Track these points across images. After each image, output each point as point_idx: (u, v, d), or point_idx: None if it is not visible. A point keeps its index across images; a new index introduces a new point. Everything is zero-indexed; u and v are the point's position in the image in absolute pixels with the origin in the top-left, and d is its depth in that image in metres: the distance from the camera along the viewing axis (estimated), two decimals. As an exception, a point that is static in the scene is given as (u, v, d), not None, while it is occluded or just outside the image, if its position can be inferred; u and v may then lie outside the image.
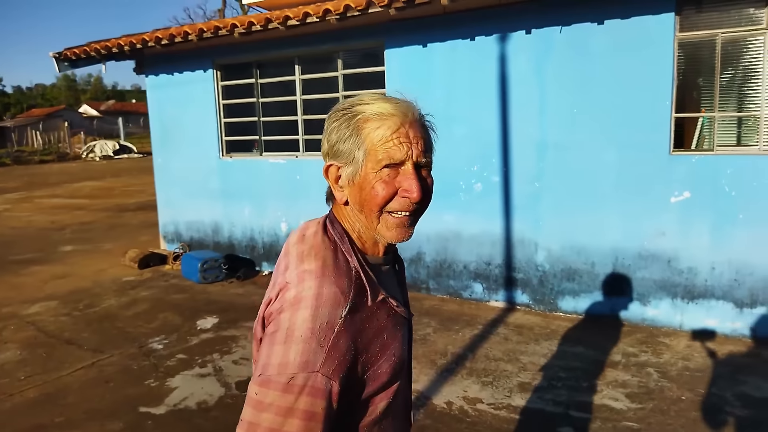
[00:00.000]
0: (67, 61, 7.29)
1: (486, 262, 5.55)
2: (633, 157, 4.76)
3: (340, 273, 1.08)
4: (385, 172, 1.09)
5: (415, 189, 1.08)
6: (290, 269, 1.11)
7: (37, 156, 34.37)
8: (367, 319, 1.10)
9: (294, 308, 1.03)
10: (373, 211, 1.11)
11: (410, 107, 1.13)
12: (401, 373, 1.21)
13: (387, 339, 1.13)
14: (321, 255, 1.10)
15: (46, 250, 8.78)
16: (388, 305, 1.15)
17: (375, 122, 1.09)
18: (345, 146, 1.11)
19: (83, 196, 15.84)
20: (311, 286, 1.04)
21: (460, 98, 5.43)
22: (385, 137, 1.08)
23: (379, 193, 1.09)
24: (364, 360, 1.08)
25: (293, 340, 1.00)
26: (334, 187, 1.17)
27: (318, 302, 1.02)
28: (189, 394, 3.96)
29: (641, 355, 4.34)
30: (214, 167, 7.23)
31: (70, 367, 4.47)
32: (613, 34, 4.70)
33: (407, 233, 1.14)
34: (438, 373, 4.14)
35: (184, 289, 6.48)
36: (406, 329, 1.24)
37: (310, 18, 5.20)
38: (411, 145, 1.09)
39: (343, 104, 1.15)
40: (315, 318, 1.01)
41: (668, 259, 4.74)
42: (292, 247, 1.17)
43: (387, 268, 1.23)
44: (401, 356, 1.18)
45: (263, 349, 1.05)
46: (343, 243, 1.14)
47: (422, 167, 1.13)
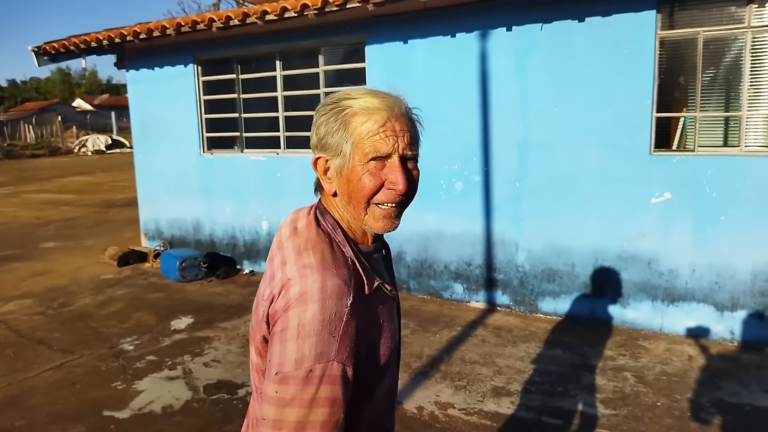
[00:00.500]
0: (46, 55, 7.18)
1: (467, 262, 5.47)
2: (614, 156, 4.69)
3: (339, 264, 1.12)
4: (372, 164, 1.13)
5: (400, 181, 1.13)
6: (289, 264, 1.13)
7: (29, 150, 34.12)
8: (366, 306, 1.15)
9: (301, 304, 1.06)
10: (360, 203, 1.16)
11: (397, 102, 1.17)
12: (395, 353, 1.29)
13: (383, 322, 1.20)
14: (319, 248, 1.14)
15: (27, 247, 8.67)
16: (382, 291, 1.20)
17: (362, 116, 1.13)
18: (333, 139, 1.16)
19: (71, 192, 15.69)
20: (315, 280, 1.07)
21: (442, 96, 5.34)
22: (371, 131, 1.12)
23: (366, 185, 1.13)
24: (367, 344, 1.14)
25: (306, 334, 1.04)
26: (323, 178, 1.22)
27: (324, 295, 1.06)
28: (155, 398, 3.87)
29: (619, 358, 4.27)
30: (195, 164, 7.12)
31: (37, 368, 4.37)
32: (594, 32, 4.62)
33: (394, 224, 1.19)
34: (412, 376, 4.06)
35: (161, 287, 6.38)
36: (396, 311, 1.31)
37: (288, 13, 5.10)
38: (397, 138, 1.13)
39: (331, 98, 1.19)
40: (323, 310, 1.05)
41: (648, 261, 4.67)
42: (287, 240, 1.20)
43: (377, 255, 1.28)
44: (395, 337, 1.27)
45: (274, 348, 1.08)
46: (336, 234, 1.19)
47: (408, 160, 1.17)
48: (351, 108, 1.16)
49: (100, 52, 7.26)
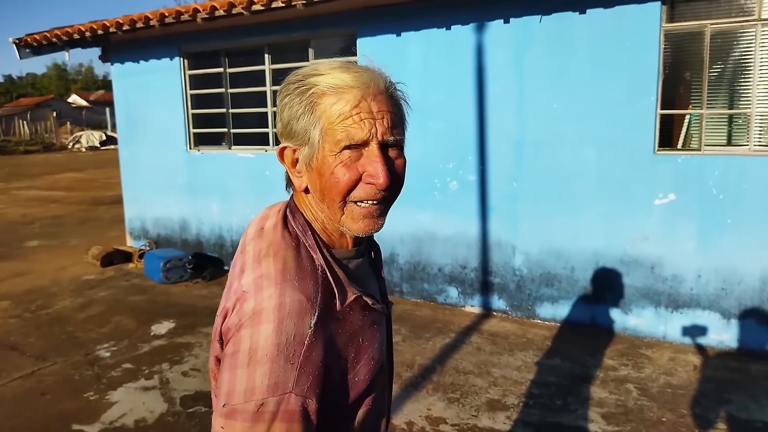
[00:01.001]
0: (28, 48, 6.92)
1: (461, 265, 5.24)
2: (615, 156, 4.46)
3: (303, 275, 0.94)
4: (346, 154, 0.95)
5: (380, 173, 0.94)
6: (246, 273, 0.97)
7: (23, 146, 33.79)
8: (340, 324, 0.97)
9: (254, 323, 0.89)
10: (335, 201, 0.97)
11: (373, 76, 0.98)
12: (380, 377, 1.09)
13: (363, 342, 1.02)
14: (281, 255, 0.96)
15: (10, 245, 8.42)
16: (362, 303, 1.02)
17: (331, 96, 0.95)
18: (299, 125, 0.97)
19: (61, 188, 15.41)
20: (271, 294, 0.91)
21: (435, 91, 5.11)
22: (343, 113, 0.93)
23: (339, 180, 0.95)
24: (340, 369, 0.97)
25: (258, 360, 0.87)
26: (291, 172, 1.04)
27: (281, 314, 0.89)
28: (128, 410, 3.64)
29: (621, 369, 4.05)
30: (181, 161, 6.88)
31: (7, 377, 4.14)
32: (595, 25, 4.39)
33: (376, 224, 1.01)
34: (402, 388, 3.83)
35: (144, 289, 6.14)
36: (384, 326, 1.13)
37: (276, 2, 4.85)
38: (375, 121, 0.95)
39: (295, 75, 1.00)
40: (280, 332, 0.88)
41: (651, 266, 4.45)
42: (249, 243, 1.03)
43: (360, 260, 1.09)
44: (379, 358, 1.07)
45: (224, 374, 0.91)
46: (306, 237, 1.00)
47: (390, 147, 0.99)
48: (318, 86, 0.96)
49: (84, 44, 7.01)
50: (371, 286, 1.14)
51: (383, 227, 1.04)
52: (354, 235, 1.04)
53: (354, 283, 1.03)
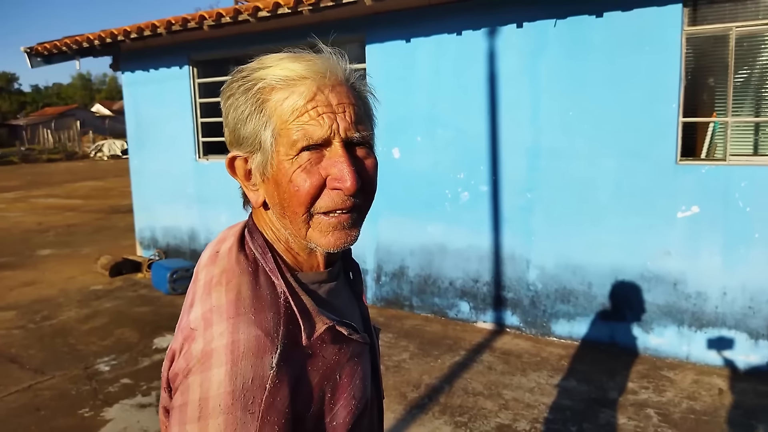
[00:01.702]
0: (39, 57, 6.91)
1: (473, 279, 5.04)
2: (635, 166, 4.24)
3: (261, 306, 0.80)
4: (305, 156, 0.81)
5: (347, 176, 0.80)
6: (195, 306, 0.83)
7: (46, 154, 34.37)
8: (310, 360, 0.82)
9: (204, 367, 0.76)
10: (297, 214, 0.83)
11: (330, 65, 0.84)
12: (365, 418, 0.94)
13: (341, 379, 0.87)
14: (234, 283, 0.82)
15: (22, 254, 8.42)
16: (337, 335, 0.87)
17: (282, 91, 0.82)
18: (247, 129, 0.84)
19: (79, 197, 15.54)
20: (222, 331, 0.77)
21: (446, 99, 4.94)
22: (297, 109, 0.80)
23: (300, 188, 0.81)
24: (314, 413, 0.82)
25: (209, 413, 0.74)
26: (245, 186, 0.89)
27: (235, 354, 0.75)
28: (122, 429, 3.51)
29: (641, 392, 3.81)
30: (190, 170, 6.79)
31: (3, 390, 4.04)
32: (613, 29, 4.18)
33: (349, 237, 0.86)
34: (407, 409, 3.64)
35: (151, 300, 6.04)
36: (367, 357, 0.97)
37: (282, 9, 4.74)
38: (335, 115, 0.81)
39: (238, 71, 0.87)
40: (234, 377, 0.74)
41: (674, 282, 4.21)
42: (202, 270, 0.89)
43: (334, 284, 0.94)
44: (363, 396, 0.91)
45: (173, 430, 0.78)
46: (266, 260, 0.86)
47: (357, 145, 0.85)
48: (265, 81, 0.83)
49: (94, 53, 6.99)
50: (350, 313, 0.98)
51: (358, 239, 0.88)
52: (325, 252, 0.89)
53: (327, 310, 0.88)
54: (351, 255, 1.06)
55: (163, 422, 0.93)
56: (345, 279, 1.03)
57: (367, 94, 0.91)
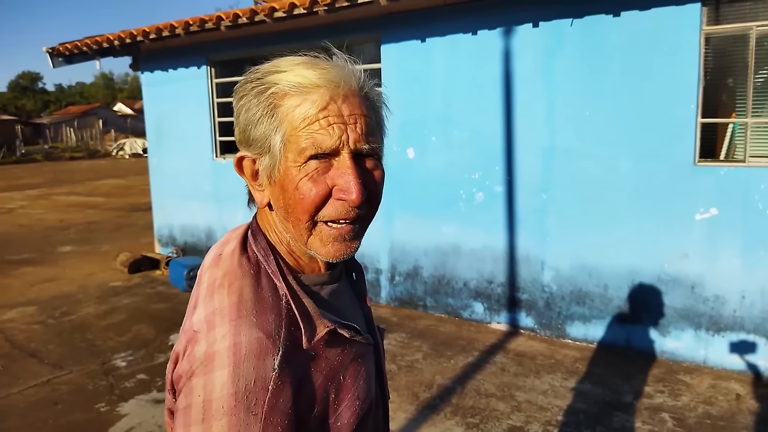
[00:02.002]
0: (60, 57, 7.02)
1: (488, 279, 5.02)
2: (652, 167, 4.18)
3: (263, 309, 0.81)
4: (313, 165, 0.81)
5: (353, 188, 0.80)
6: (198, 309, 0.84)
7: (69, 153, 34.94)
8: (313, 361, 0.83)
9: (207, 369, 0.77)
10: (300, 221, 0.84)
11: (344, 74, 0.84)
12: (370, 419, 0.95)
13: (345, 380, 0.88)
14: (237, 285, 0.83)
15: (43, 251, 8.57)
16: (339, 337, 0.87)
17: (295, 98, 0.82)
18: (258, 131, 0.84)
19: (100, 194, 15.77)
20: (225, 333, 0.78)
21: (461, 99, 4.92)
22: (308, 117, 0.81)
23: (305, 196, 0.81)
24: (317, 415, 0.83)
25: (213, 415, 0.74)
26: (252, 185, 0.90)
27: (237, 356, 0.76)
28: (137, 424, 3.55)
29: (656, 396, 3.76)
30: (207, 169, 6.86)
31: (23, 384, 4.12)
32: (630, 28, 4.13)
33: (349, 248, 0.86)
34: (418, 410, 3.64)
35: (168, 297, 6.11)
36: (371, 358, 0.98)
37: (298, 9, 4.76)
38: (346, 126, 0.81)
39: (253, 72, 0.87)
40: (236, 379, 0.75)
41: (691, 285, 4.15)
42: (205, 273, 0.89)
43: (336, 285, 0.95)
44: (367, 397, 0.92)
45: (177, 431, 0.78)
46: (268, 263, 0.87)
47: (366, 157, 0.85)
48: (278, 85, 0.83)
49: (114, 53, 7.08)
50: (352, 314, 0.99)
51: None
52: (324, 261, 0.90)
53: (329, 312, 0.89)
54: (353, 256, 1.07)
55: (168, 424, 0.94)
56: (347, 280, 1.04)
57: (379, 104, 0.91)
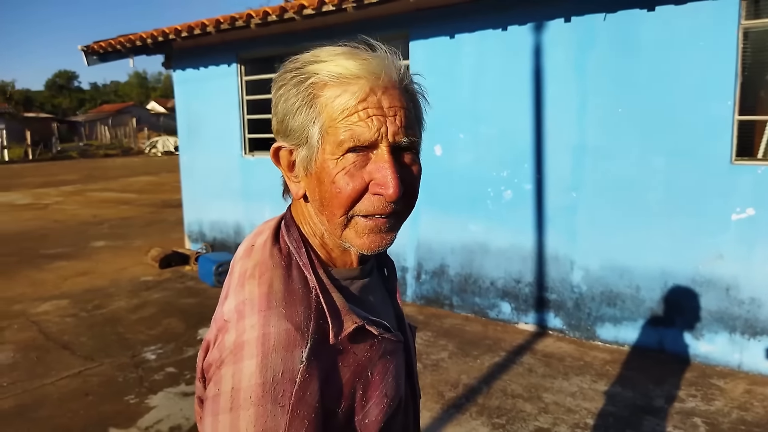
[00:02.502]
0: (95, 55, 7.17)
1: (515, 279, 4.96)
2: (687, 165, 4.07)
3: (292, 300, 0.80)
4: (350, 158, 0.80)
5: (390, 183, 0.79)
6: (229, 299, 0.84)
7: (103, 150, 35.75)
8: (341, 356, 0.83)
9: (236, 359, 0.77)
10: (335, 215, 0.83)
11: (385, 65, 0.83)
12: (399, 417, 0.94)
13: (373, 376, 0.87)
14: (267, 276, 0.83)
15: (77, 245, 8.77)
16: (367, 334, 0.86)
17: (334, 88, 0.80)
18: (296, 122, 0.83)
19: (133, 191, 16.09)
20: (254, 324, 0.78)
21: (489, 95, 4.87)
22: (347, 109, 0.79)
23: (341, 190, 0.81)
24: (344, 410, 0.82)
25: (241, 404, 0.75)
26: (288, 176, 0.90)
27: (265, 347, 0.76)
28: (165, 416, 3.60)
29: (688, 400, 3.66)
30: (236, 166, 6.93)
31: (55, 375, 4.21)
32: (665, 23, 4.03)
33: (384, 240, 0.85)
34: (444, 409, 3.61)
35: (197, 292, 6.19)
36: (401, 356, 0.96)
37: (326, 6, 4.77)
38: (385, 118, 0.80)
39: (293, 62, 0.86)
40: (264, 370, 0.75)
41: (726, 287, 4.03)
42: (237, 263, 0.90)
43: (367, 281, 0.94)
44: (396, 395, 0.91)
45: (206, 420, 0.79)
46: (300, 255, 0.86)
47: (404, 150, 0.84)
48: (318, 75, 0.81)
49: (147, 51, 7.20)
50: (383, 310, 0.98)
51: (397, 238, 0.88)
52: (359, 253, 0.88)
53: (359, 307, 0.88)
54: (386, 252, 1.05)
55: (198, 412, 0.94)
56: (379, 276, 1.03)
57: (419, 97, 0.89)
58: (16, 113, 40.65)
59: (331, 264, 0.91)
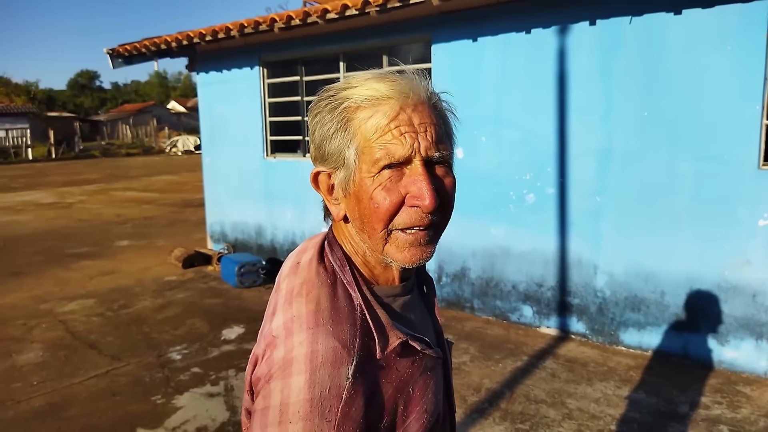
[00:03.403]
0: (120, 57, 7.28)
1: (537, 283, 4.94)
2: (713, 170, 4.03)
3: (339, 318, 0.84)
4: (386, 174, 0.84)
5: (426, 194, 0.82)
6: (277, 315, 0.88)
7: (125, 149, 36.21)
8: (384, 372, 0.86)
9: (285, 374, 0.80)
10: (376, 230, 0.86)
11: (413, 85, 0.86)
12: (436, 431, 0.96)
13: (414, 392, 0.89)
14: (314, 294, 0.86)
15: (102, 245, 8.91)
16: (411, 350, 0.89)
17: (366, 110, 0.84)
18: (332, 145, 0.87)
19: (155, 190, 16.29)
20: (302, 341, 0.81)
21: (513, 99, 4.86)
22: (380, 128, 0.83)
23: (380, 205, 0.84)
24: (386, 425, 0.85)
25: (289, 418, 0.78)
26: (328, 199, 0.93)
27: (314, 364, 0.79)
28: (191, 417, 3.66)
29: (714, 407, 3.63)
30: (258, 167, 6.99)
31: (83, 375, 4.30)
32: (692, 27, 3.99)
33: (425, 253, 0.88)
34: (466, 413, 3.62)
35: (220, 293, 6.26)
36: (440, 371, 0.98)
37: (349, 10, 4.79)
38: (417, 135, 0.83)
39: (326, 91, 0.91)
40: (312, 386, 0.78)
41: (753, 293, 3.98)
42: (284, 280, 0.93)
43: (408, 298, 0.97)
44: (435, 410, 0.93)
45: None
46: (344, 273, 0.90)
47: (437, 164, 0.87)
48: (350, 100, 0.85)
49: (171, 54, 7.29)
50: (423, 327, 1.00)
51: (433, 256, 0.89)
52: (401, 267, 0.92)
53: (401, 324, 0.91)
54: (425, 269, 1.09)
55: (245, 423, 0.97)
56: (419, 293, 1.05)
57: (448, 114, 0.92)
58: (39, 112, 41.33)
59: (374, 281, 0.93)
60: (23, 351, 4.75)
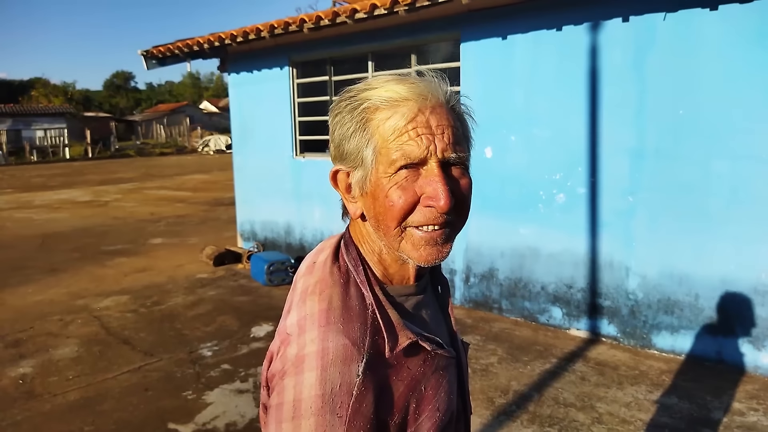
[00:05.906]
0: (154, 59, 7.42)
1: (567, 284, 4.87)
2: (751, 170, 3.91)
3: (350, 317, 0.86)
4: (402, 174, 0.85)
5: (441, 194, 0.83)
6: (291, 313, 0.91)
7: (159, 148, 36.94)
8: (396, 370, 0.87)
9: (297, 371, 0.83)
10: (390, 228, 0.87)
11: (431, 87, 0.88)
12: (449, 430, 0.96)
13: (426, 391, 0.90)
14: (327, 293, 0.88)
15: (136, 242, 9.11)
16: (421, 350, 0.90)
17: (385, 111, 0.86)
18: (351, 145, 0.89)
19: (188, 189, 16.57)
20: (314, 338, 0.84)
21: (543, 97, 4.79)
22: (398, 129, 0.85)
23: (395, 203, 0.85)
24: (398, 422, 0.86)
25: (302, 414, 0.80)
26: (345, 197, 0.95)
27: (324, 361, 0.81)
28: (221, 412, 3.71)
29: (749, 414, 3.53)
30: (287, 167, 7.05)
31: (117, 370, 4.40)
32: (729, 22, 3.88)
33: (441, 252, 0.89)
34: (494, 415, 3.59)
35: (249, 290, 6.34)
36: (453, 371, 0.99)
37: (378, 10, 4.79)
38: (433, 136, 0.85)
39: (347, 92, 0.93)
40: (323, 382, 0.80)
41: (794, 297, 3.86)
42: (300, 279, 0.96)
43: (421, 297, 0.97)
44: (447, 409, 0.94)
45: (270, 427, 0.85)
46: (357, 272, 0.91)
47: (453, 165, 0.88)
48: (370, 101, 0.87)
49: (203, 56, 7.40)
50: (436, 326, 1.00)
51: (450, 253, 0.91)
52: (417, 265, 0.92)
53: (414, 323, 0.91)
54: (440, 269, 1.09)
55: (262, 418, 0.99)
56: (433, 292, 1.05)
57: (465, 116, 0.93)
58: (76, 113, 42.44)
59: (388, 281, 0.94)
60: (59, 346, 4.88)
